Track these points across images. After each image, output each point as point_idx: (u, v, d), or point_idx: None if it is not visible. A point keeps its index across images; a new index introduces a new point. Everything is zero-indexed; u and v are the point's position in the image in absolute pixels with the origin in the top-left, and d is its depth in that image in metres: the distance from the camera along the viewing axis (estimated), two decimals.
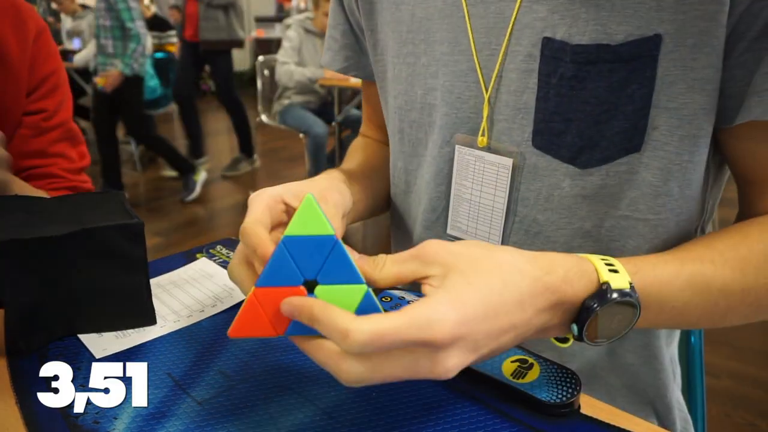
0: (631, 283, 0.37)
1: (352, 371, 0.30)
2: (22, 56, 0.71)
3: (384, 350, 0.30)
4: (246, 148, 3.97)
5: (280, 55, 3.17)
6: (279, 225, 0.44)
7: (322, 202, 0.45)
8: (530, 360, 0.42)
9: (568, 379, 0.40)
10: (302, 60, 3.16)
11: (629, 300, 0.37)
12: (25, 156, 0.74)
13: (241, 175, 3.90)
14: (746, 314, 0.44)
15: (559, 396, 0.39)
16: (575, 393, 0.39)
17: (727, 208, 0.51)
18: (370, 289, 0.33)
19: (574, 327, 0.37)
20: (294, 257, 0.33)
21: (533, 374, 0.41)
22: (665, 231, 0.47)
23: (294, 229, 0.33)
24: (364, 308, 0.33)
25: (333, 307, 0.31)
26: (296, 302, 0.32)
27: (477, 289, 0.32)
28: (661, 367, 0.55)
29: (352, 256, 0.34)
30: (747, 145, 0.45)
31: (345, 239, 0.37)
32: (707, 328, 0.49)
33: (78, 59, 3.85)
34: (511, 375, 0.41)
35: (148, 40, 3.46)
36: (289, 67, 3.11)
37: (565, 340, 0.40)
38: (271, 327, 0.33)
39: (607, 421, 0.38)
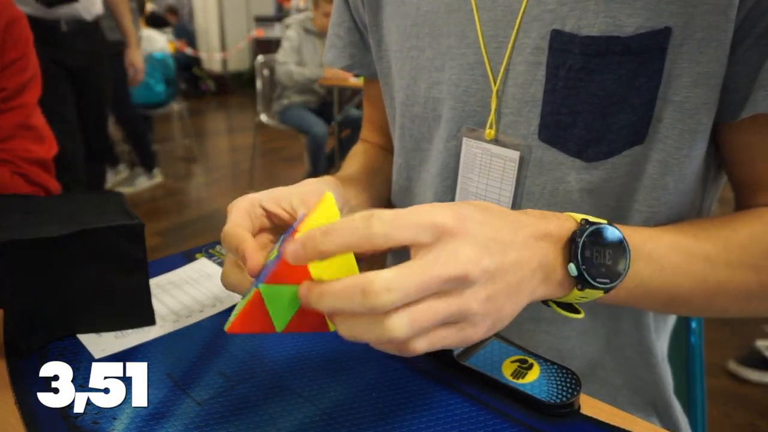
0: (608, 222, 0.38)
1: (381, 283, 0.28)
2: None
3: (400, 244, 0.30)
4: (146, 161, 3.60)
5: (280, 55, 3.17)
6: (261, 230, 0.44)
7: (302, 205, 0.45)
8: (530, 360, 0.42)
9: (568, 379, 0.40)
10: (302, 60, 3.16)
11: (612, 231, 0.38)
12: None
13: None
14: (738, 297, 0.44)
15: (559, 396, 0.39)
16: (575, 393, 0.39)
17: (728, 209, 0.51)
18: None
19: (572, 266, 0.36)
20: None
21: (533, 374, 0.41)
22: (656, 224, 0.48)
23: (312, 225, 0.33)
24: None
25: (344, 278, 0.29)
26: (303, 286, 0.30)
27: (467, 205, 0.33)
28: (656, 362, 0.55)
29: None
30: (748, 139, 0.45)
31: None
32: (705, 312, 0.48)
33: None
34: (511, 375, 0.41)
35: (158, 41, 3.43)
36: (288, 67, 3.11)
37: (576, 311, 0.40)
38: (272, 323, 0.33)
39: (607, 421, 0.38)
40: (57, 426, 0.37)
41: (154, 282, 0.57)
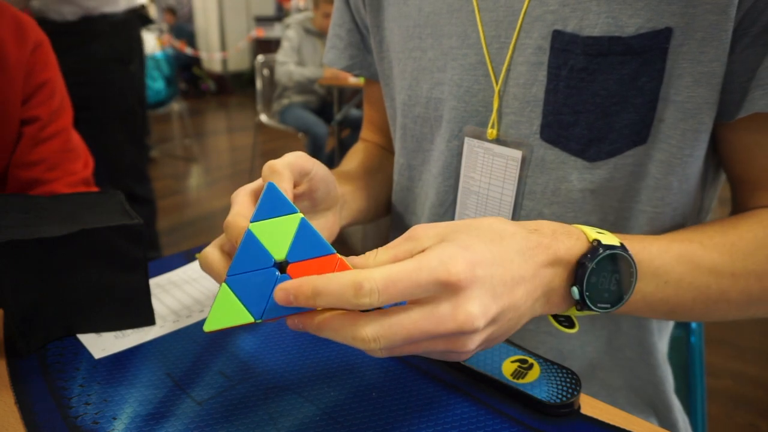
0: (621, 243, 0.37)
1: (370, 331, 0.29)
2: (19, 64, 0.74)
3: (398, 297, 0.29)
4: None
5: (280, 55, 3.17)
6: None
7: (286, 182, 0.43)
8: (530, 360, 0.42)
9: (568, 379, 0.40)
10: (302, 60, 3.16)
11: (622, 254, 0.37)
12: (26, 166, 0.77)
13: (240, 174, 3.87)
14: (739, 304, 0.44)
15: (559, 396, 0.39)
16: (575, 393, 0.39)
17: (728, 208, 0.51)
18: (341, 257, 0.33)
19: (575, 290, 0.36)
20: (262, 241, 0.33)
21: (533, 374, 0.41)
22: (660, 225, 0.48)
23: (259, 214, 0.33)
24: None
25: (334, 273, 0.30)
26: (292, 285, 0.30)
27: (479, 239, 0.32)
28: (656, 363, 0.55)
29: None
30: (746, 138, 0.45)
31: (344, 240, 0.37)
32: (704, 319, 0.49)
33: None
34: (511, 375, 0.41)
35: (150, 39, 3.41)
36: (288, 67, 3.11)
37: (571, 325, 0.39)
38: (247, 313, 0.33)
39: (607, 421, 0.38)
40: (57, 426, 0.37)
41: (154, 282, 0.57)
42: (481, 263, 0.30)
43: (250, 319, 0.32)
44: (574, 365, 0.53)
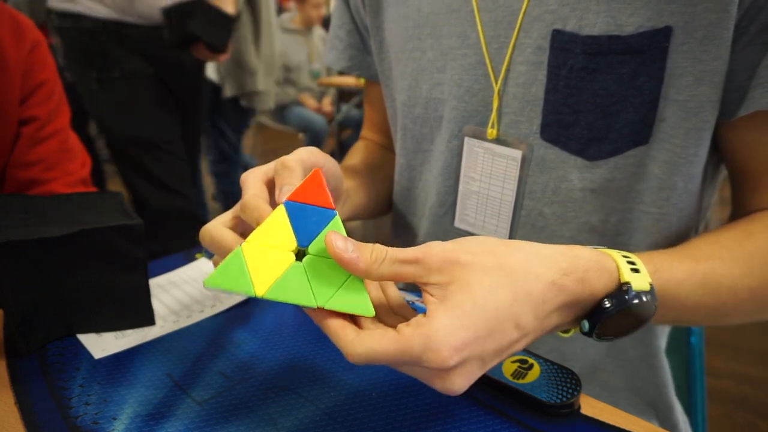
0: (651, 284, 0.36)
1: (358, 352, 0.30)
2: (17, 64, 0.75)
3: (384, 363, 0.30)
4: None
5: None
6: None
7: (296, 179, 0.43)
8: (530, 360, 0.42)
9: (568, 380, 0.40)
10: (288, 59, 3.13)
11: (647, 303, 0.36)
12: (24, 166, 0.77)
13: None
14: (749, 313, 0.44)
15: (559, 396, 0.39)
16: (575, 393, 0.39)
17: (728, 208, 0.51)
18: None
19: (585, 323, 0.36)
20: (293, 222, 0.33)
21: (533, 374, 0.41)
22: (667, 226, 0.48)
23: (298, 196, 0.34)
24: (350, 286, 0.32)
25: (336, 322, 0.31)
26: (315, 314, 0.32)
27: (482, 308, 0.30)
28: (660, 365, 0.55)
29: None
30: (746, 137, 0.45)
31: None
32: (708, 325, 0.49)
33: None
34: (511, 375, 0.41)
35: None
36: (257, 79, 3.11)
37: (567, 330, 0.39)
38: (251, 285, 0.32)
39: (607, 421, 0.38)
40: (57, 426, 0.37)
41: (154, 282, 0.57)
42: (471, 344, 0.30)
43: (252, 292, 0.32)
44: (575, 366, 0.53)
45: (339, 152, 3.25)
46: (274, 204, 0.40)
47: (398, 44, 0.56)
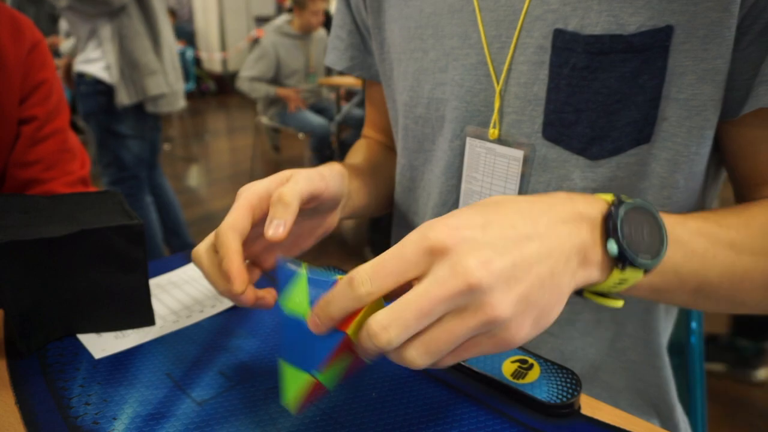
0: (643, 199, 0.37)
1: (380, 319, 0.28)
2: (17, 63, 0.75)
3: (390, 277, 0.29)
4: None
5: (243, 68, 3.14)
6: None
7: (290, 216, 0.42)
8: (530, 360, 0.42)
9: (568, 380, 0.40)
10: (282, 64, 3.13)
11: (646, 206, 0.36)
12: (24, 166, 0.77)
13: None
14: (763, 286, 0.42)
15: (559, 396, 0.39)
16: (575, 393, 0.39)
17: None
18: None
19: (612, 243, 0.34)
20: (293, 311, 0.33)
21: (533, 374, 0.41)
22: None
23: (281, 289, 0.35)
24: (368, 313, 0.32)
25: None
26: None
27: (470, 208, 0.32)
28: (662, 365, 0.55)
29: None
30: (751, 134, 0.45)
31: (344, 240, 0.37)
32: (730, 307, 0.44)
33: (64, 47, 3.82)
34: (511, 375, 0.41)
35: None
36: (251, 85, 3.10)
37: (617, 298, 0.38)
38: (304, 373, 0.33)
39: (607, 421, 0.38)
40: (57, 426, 0.37)
41: (154, 282, 0.57)
42: (467, 226, 0.30)
43: (307, 376, 0.32)
44: (576, 367, 0.53)
45: (339, 151, 3.26)
46: (256, 232, 0.41)
47: (400, 44, 0.56)
